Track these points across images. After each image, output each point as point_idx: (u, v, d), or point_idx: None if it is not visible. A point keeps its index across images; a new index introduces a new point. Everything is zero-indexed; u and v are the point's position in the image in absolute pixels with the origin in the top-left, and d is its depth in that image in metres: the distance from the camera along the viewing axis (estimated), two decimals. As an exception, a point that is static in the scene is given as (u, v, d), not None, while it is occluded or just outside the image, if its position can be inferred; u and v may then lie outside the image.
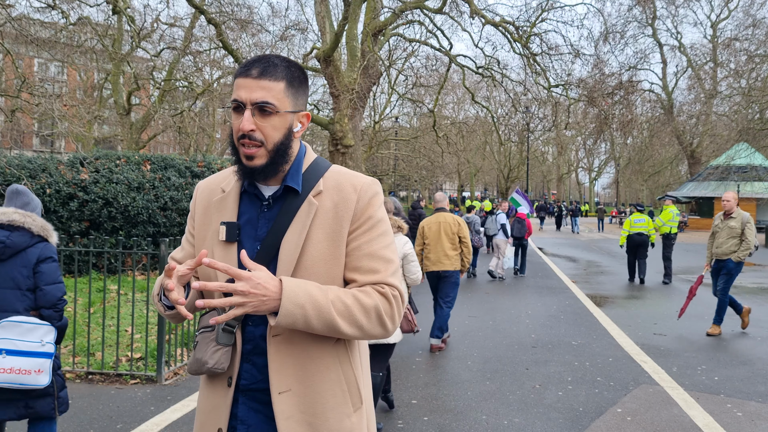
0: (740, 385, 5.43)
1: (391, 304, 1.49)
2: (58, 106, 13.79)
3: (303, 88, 1.54)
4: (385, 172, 39.82)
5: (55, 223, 10.00)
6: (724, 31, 38.61)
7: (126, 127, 22.57)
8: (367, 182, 1.56)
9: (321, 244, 1.49)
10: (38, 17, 18.62)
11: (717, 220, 7.92)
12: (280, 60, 1.51)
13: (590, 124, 26.69)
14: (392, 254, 1.55)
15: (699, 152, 40.65)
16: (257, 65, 1.47)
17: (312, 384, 1.49)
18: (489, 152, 50.96)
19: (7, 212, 3.06)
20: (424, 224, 6.89)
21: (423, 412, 4.64)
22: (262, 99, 1.45)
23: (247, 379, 1.51)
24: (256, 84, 1.46)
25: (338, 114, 15.53)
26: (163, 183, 10.84)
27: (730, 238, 7.66)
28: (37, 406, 3.06)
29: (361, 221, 1.52)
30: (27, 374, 2.93)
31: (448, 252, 6.69)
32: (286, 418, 1.46)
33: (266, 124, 1.47)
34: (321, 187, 1.54)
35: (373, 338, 1.52)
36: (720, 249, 7.74)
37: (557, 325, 7.99)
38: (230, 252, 1.53)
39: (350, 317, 1.43)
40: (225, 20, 17.11)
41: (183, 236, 1.80)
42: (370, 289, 1.48)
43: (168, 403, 4.71)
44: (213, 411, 1.54)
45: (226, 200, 1.58)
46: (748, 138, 28.19)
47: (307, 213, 1.50)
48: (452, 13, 17.71)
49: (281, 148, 1.50)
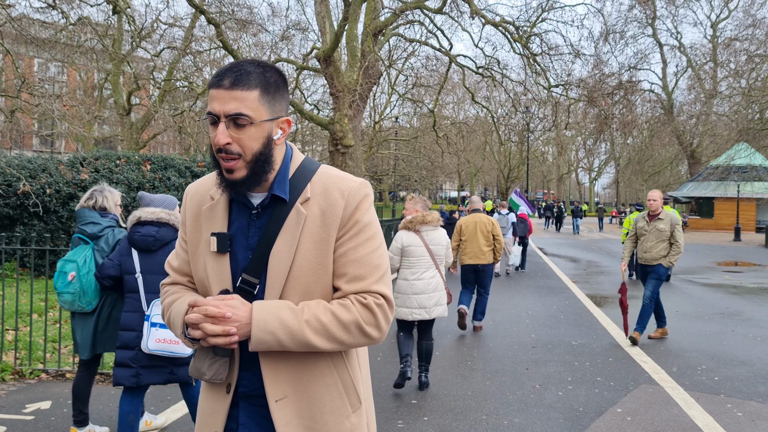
0: (740, 385, 5.43)
1: (374, 314, 1.47)
2: (58, 106, 13.78)
3: (281, 92, 1.49)
4: (385, 172, 39.83)
5: (55, 223, 10.00)
6: (724, 31, 38.66)
7: (126, 127, 22.57)
8: (354, 186, 1.52)
9: (310, 253, 1.48)
10: (38, 17, 18.62)
11: (641, 222, 7.16)
12: (254, 66, 1.45)
13: (590, 124, 26.69)
14: (379, 258, 1.52)
15: (699, 152, 40.66)
16: (229, 74, 1.42)
17: (308, 390, 1.49)
18: (489, 152, 50.98)
19: (155, 212, 3.67)
20: (462, 223, 7.79)
21: (423, 412, 4.64)
22: (236, 111, 1.40)
23: (246, 386, 1.52)
24: (228, 95, 1.41)
25: (338, 114, 15.53)
26: (163, 183, 10.84)
27: (659, 242, 6.95)
28: (179, 372, 3.58)
29: (348, 226, 1.50)
30: (175, 344, 3.46)
31: (483, 248, 7.64)
32: (285, 424, 1.47)
33: (242, 135, 1.42)
34: (308, 193, 1.51)
35: (359, 347, 1.52)
36: (648, 254, 7.01)
37: (557, 325, 7.99)
38: (222, 262, 1.51)
39: (327, 334, 1.43)
40: (225, 20, 17.11)
41: (176, 241, 1.79)
42: (351, 302, 1.47)
43: (168, 403, 4.72)
44: (211, 414, 1.55)
45: (216, 209, 1.55)
46: (748, 138, 28.20)
47: (295, 223, 1.48)
48: (452, 13, 17.70)
49: (261, 158, 1.45)
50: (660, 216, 7.00)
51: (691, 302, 10.06)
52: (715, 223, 36.96)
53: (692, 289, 11.61)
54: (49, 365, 5.43)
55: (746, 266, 16.63)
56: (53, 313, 7.37)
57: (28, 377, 5.25)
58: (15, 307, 6.98)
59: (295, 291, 1.47)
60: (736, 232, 28.80)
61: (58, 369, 5.33)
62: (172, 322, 1.56)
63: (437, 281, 5.34)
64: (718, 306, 9.72)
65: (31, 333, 5.44)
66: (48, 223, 9.99)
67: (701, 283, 12.68)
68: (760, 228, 35.60)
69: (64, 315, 7.04)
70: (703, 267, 16.03)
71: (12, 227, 10.11)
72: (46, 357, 5.36)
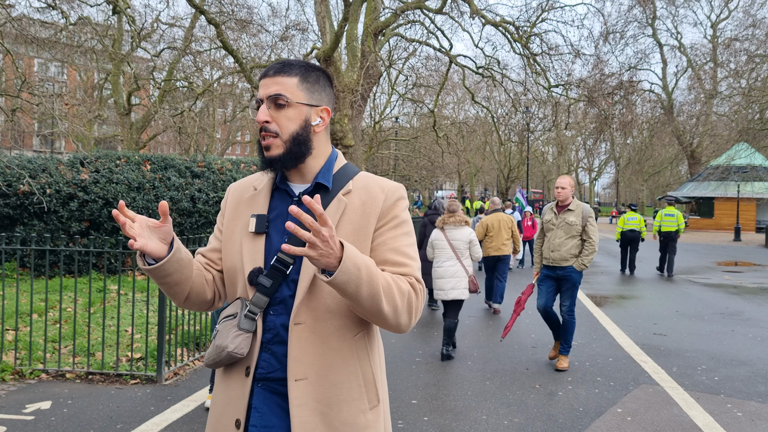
0: (740, 385, 5.43)
1: (418, 297, 1.53)
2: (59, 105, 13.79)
3: (320, 85, 1.61)
4: (385, 172, 39.83)
5: (55, 223, 10.00)
6: (724, 31, 38.66)
7: (126, 127, 22.56)
8: (394, 186, 1.63)
9: (347, 238, 1.53)
10: (38, 17, 18.63)
11: (548, 214, 6.06)
12: (299, 62, 1.61)
13: (590, 124, 26.68)
14: (416, 254, 1.60)
15: (699, 152, 40.64)
16: (276, 66, 1.58)
17: (328, 375, 1.50)
18: (489, 152, 50.94)
19: None
20: (487, 221, 9.31)
21: (423, 412, 4.64)
22: (275, 92, 1.54)
23: (265, 368, 1.52)
24: (271, 81, 1.56)
25: (338, 114, 15.53)
26: (163, 183, 10.84)
27: (569, 238, 5.83)
28: None
29: (387, 219, 1.57)
30: None
31: (504, 242, 9.24)
32: (299, 405, 1.48)
33: (280, 115, 1.55)
34: (350, 187, 1.60)
35: (396, 325, 1.49)
36: (556, 253, 5.84)
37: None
38: (258, 243, 1.57)
39: (390, 294, 1.45)
40: (225, 20, 17.11)
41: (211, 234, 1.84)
42: (402, 278, 1.52)
43: (168, 403, 4.72)
44: (230, 402, 1.55)
45: (258, 196, 1.64)
46: (748, 138, 28.20)
47: (336, 209, 1.56)
48: (452, 14, 17.70)
49: (297, 138, 1.55)
50: (570, 207, 5.91)
51: (691, 302, 10.06)
52: (715, 223, 36.96)
53: (692, 289, 11.61)
54: (49, 365, 5.43)
55: (746, 266, 16.63)
56: (53, 313, 7.37)
57: (28, 377, 5.25)
58: (15, 307, 6.98)
59: None
60: (736, 232, 28.81)
61: (58, 369, 5.33)
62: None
63: (455, 270, 6.34)
64: (718, 306, 9.72)
65: (31, 333, 5.44)
66: (48, 223, 9.99)
67: (701, 283, 12.69)
68: (760, 228, 35.59)
69: (64, 315, 7.04)
70: (703, 267, 16.03)
71: (12, 227, 10.11)
72: (46, 357, 5.36)
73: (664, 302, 10.07)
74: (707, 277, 13.82)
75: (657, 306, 9.68)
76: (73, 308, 5.93)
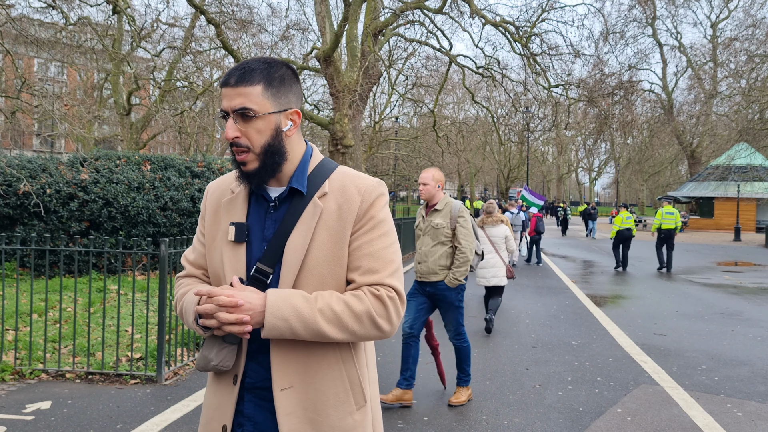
0: (740, 385, 5.43)
1: (385, 306, 1.49)
2: (59, 106, 13.78)
3: (287, 85, 1.54)
4: (385, 172, 39.83)
5: (55, 223, 10.00)
6: (724, 31, 38.68)
7: (126, 127, 22.56)
8: (371, 184, 1.58)
9: (325, 245, 1.51)
10: (38, 17, 18.63)
11: (418, 218, 4.95)
12: (259, 63, 1.52)
13: (590, 124, 26.68)
14: (393, 254, 1.56)
15: (699, 152, 40.67)
16: (235, 73, 1.50)
17: (313, 381, 1.50)
18: (489, 152, 50.96)
19: None
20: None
21: (423, 412, 4.64)
22: (240, 105, 1.48)
23: (253, 377, 1.53)
24: (234, 92, 1.49)
25: (338, 114, 15.53)
26: (163, 183, 10.84)
27: (437, 245, 4.70)
28: None
29: (363, 221, 1.54)
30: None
31: None
32: (287, 414, 1.48)
33: (249, 128, 1.50)
34: (326, 188, 1.56)
35: (370, 340, 1.53)
36: (423, 264, 4.74)
37: (557, 325, 8.00)
38: (239, 252, 1.55)
39: (340, 324, 1.45)
40: (225, 20, 17.10)
41: (194, 236, 1.83)
42: (364, 293, 1.49)
43: (168, 403, 4.72)
44: (218, 408, 1.57)
45: (236, 201, 1.61)
46: (748, 138, 28.22)
47: (312, 215, 1.53)
48: (452, 14, 17.71)
49: (270, 149, 1.51)
50: (437, 207, 4.75)
51: (691, 302, 10.06)
52: (715, 223, 36.97)
53: (692, 289, 11.62)
54: (49, 365, 5.43)
55: (746, 266, 16.64)
56: (53, 313, 7.37)
57: (28, 377, 5.25)
58: (15, 307, 6.98)
59: (309, 282, 1.50)
60: (736, 232, 28.81)
61: (58, 369, 5.32)
62: (184, 311, 1.59)
63: (494, 261, 7.70)
64: (718, 306, 9.72)
65: (31, 333, 5.44)
66: (48, 223, 9.99)
67: (701, 283, 12.69)
68: (760, 228, 35.61)
69: (64, 315, 7.04)
70: (703, 267, 16.04)
71: (12, 227, 10.11)
72: (46, 357, 5.35)
73: (664, 302, 10.07)
74: (707, 277, 13.82)
75: (657, 306, 9.68)
76: (73, 308, 5.92)
